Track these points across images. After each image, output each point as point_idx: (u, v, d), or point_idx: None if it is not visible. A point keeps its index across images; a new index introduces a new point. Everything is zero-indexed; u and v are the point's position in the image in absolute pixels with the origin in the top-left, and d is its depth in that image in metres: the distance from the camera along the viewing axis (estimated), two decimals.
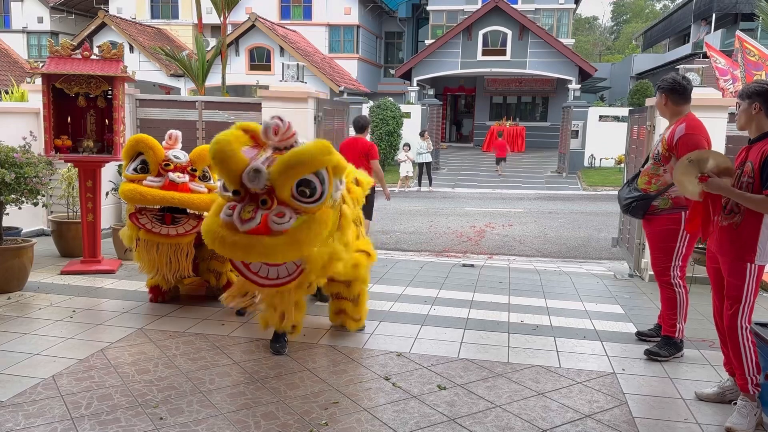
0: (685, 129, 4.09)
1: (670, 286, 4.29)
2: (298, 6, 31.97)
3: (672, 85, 4.25)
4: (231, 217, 3.72)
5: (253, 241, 3.66)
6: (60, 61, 5.93)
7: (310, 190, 3.76)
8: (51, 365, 3.85)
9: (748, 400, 3.32)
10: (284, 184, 3.71)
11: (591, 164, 21.87)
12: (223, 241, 3.72)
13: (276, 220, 3.67)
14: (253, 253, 3.71)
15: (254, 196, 3.73)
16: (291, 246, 3.73)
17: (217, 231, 3.75)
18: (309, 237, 3.78)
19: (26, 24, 33.25)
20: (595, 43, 58.85)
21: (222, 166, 3.77)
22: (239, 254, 3.77)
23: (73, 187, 6.87)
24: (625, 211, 4.44)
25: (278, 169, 3.70)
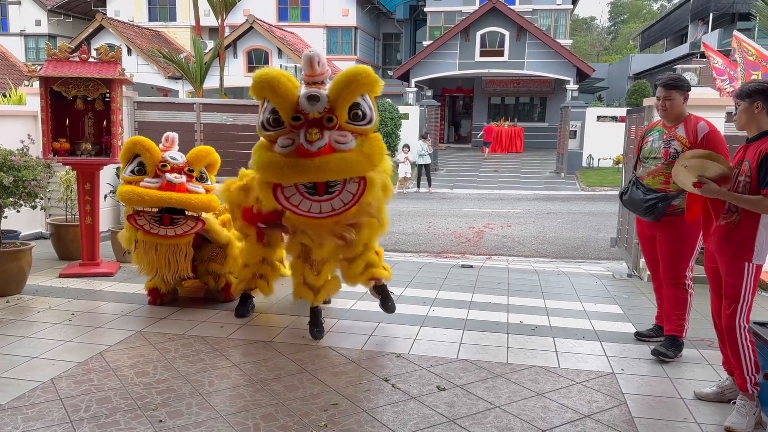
0: (708, 126, 4.05)
1: (683, 287, 4.26)
2: (295, 8, 32.01)
3: (689, 84, 4.23)
4: (290, 147, 3.82)
5: (327, 158, 3.80)
6: (58, 64, 5.93)
7: (362, 112, 3.97)
8: (50, 368, 3.85)
9: (747, 399, 3.32)
10: (344, 103, 3.90)
11: (589, 164, 21.89)
12: (294, 166, 3.79)
13: (340, 140, 3.86)
14: (329, 169, 3.82)
15: (315, 121, 3.86)
16: (362, 158, 3.94)
17: (282, 161, 3.84)
18: (374, 152, 4.01)
19: (24, 27, 33.24)
20: (593, 44, 58.96)
21: (278, 94, 3.86)
22: (312, 174, 3.84)
23: (72, 189, 6.86)
24: (648, 212, 4.25)
25: (338, 87, 3.88)
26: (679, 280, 4.27)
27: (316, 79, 4.02)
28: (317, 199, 3.98)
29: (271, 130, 3.99)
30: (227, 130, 8.05)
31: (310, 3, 31.72)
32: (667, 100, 4.19)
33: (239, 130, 8.03)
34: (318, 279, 4.41)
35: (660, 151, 4.23)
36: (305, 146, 3.77)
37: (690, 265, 4.24)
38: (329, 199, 3.97)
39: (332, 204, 3.99)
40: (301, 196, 3.99)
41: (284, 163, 3.84)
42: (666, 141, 4.22)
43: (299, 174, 3.86)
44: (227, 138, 7.98)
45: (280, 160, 3.85)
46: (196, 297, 5.51)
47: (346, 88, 3.89)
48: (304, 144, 3.77)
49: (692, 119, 4.15)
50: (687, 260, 4.23)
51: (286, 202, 4.04)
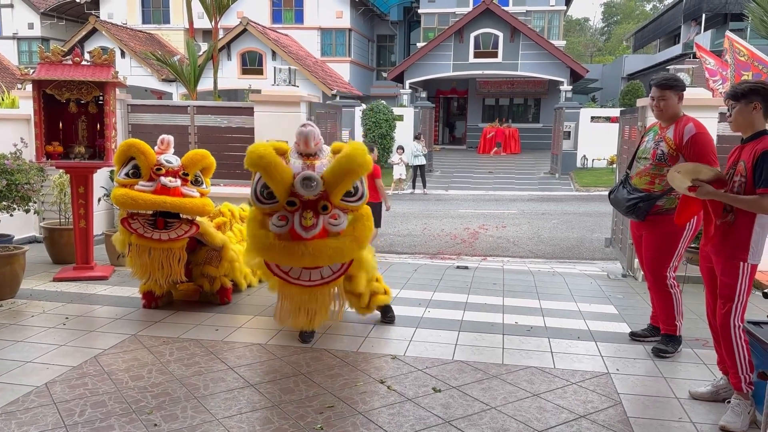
0: (695, 128, 4.02)
1: (666, 288, 4.28)
2: (289, 10, 31.99)
3: (684, 84, 4.21)
4: (284, 228, 3.88)
5: (321, 245, 3.87)
6: (51, 67, 5.91)
7: (354, 189, 4.05)
8: (44, 373, 3.83)
9: (742, 398, 3.33)
10: (341, 189, 3.97)
11: (583, 165, 21.93)
12: (289, 252, 3.86)
13: (332, 223, 3.94)
14: (323, 257, 3.90)
15: (309, 203, 3.90)
16: (354, 243, 4.03)
17: (276, 244, 3.89)
18: (365, 233, 4.10)
19: (17, 30, 33.12)
20: (587, 45, 59.11)
21: (272, 176, 3.88)
22: (308, 261, 3.91)
23: (65, 193, 6.84)
24: (629, 212, 4.29)
25: (335, 175, 3.92)
26: (661, 280, 4.28)
27: (309, 152, 4.12)
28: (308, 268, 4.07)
29: (266, 203, 4.03)
30: (221, 133, 8.03)
31: (304, 5, 31.70)
32: (662, 100, 4.17)
33: (233, 133, 8.01)
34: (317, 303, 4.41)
35: (650, 151, 4.25)
36: (299, 232, 3.85)
37: (672, 265, 4.25)
38: (318, 268, 4.06)
39: (321, 273, 4.09)
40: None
41: (279, 247, 3.92)
42: (656, 142, 4.23)
43: (294, 260, 3.94)
44: (221, 140, 7.97)
45: (275, 244, 3.93)
46: (191, 300, 5.49)
47: (346, 176, 3.95)
48: (298, 230, 3.85)
49: (683, 120, 4.13)
50: (668, 260, 4.24)
51: (278, 269, 4.11)
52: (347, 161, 3.92)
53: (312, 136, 4.08)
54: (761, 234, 3.33)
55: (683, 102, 4.26)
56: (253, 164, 3.94)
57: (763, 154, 3.21)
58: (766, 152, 3.21)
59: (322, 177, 3.93)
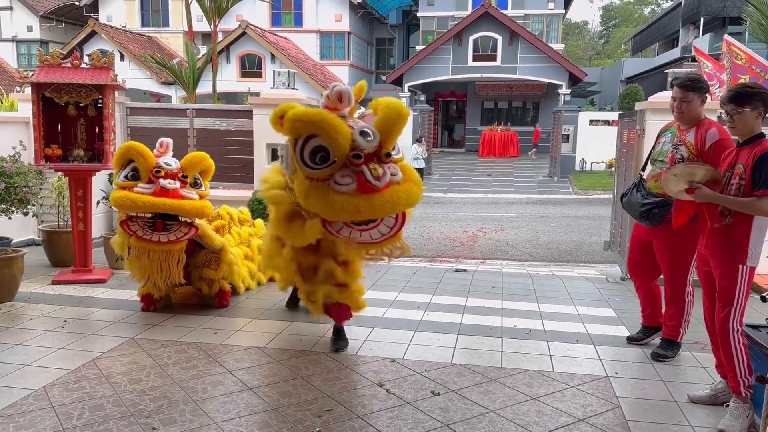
0: (718, 134, 3.79)
1: (682, 296, 4.20)
2: (288, 13, 32.05)
3: (708, 86, 4.01)
4: (351, 185, 3.76)
5: (396, 191, 3.83)
6: (50, 70, 5.91)
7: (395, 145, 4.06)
8: (42, 376, 3.82)
9: (741, 402, 3.33)
10: (393, 138, 3.97)
11: (582, 168, 21.97)
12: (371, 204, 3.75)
13: (394, 172, 3.91)
14: (400, 202, 3.85)
15: (371, 155, 3.84)
16: (417, 186, 4.00)
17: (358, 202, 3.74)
18: (418, 179, 4.08)
19: (16, 33, 33.15)
20: (585, 48, 59.22)
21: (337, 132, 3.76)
22: (389, 209, 3.83)
23: (64, 196, 6.84)
24: (643, 217, 4.15)
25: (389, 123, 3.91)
26: (679, 289, 4.18)
27: (342, 113, 4.02)
28: (363, 228, 3.99)
29: (318, 167, 3.85)
30: (220, 136, 8.04)
31: (303, 8, 31.77)
32: (684, 101, 3.94)
33: (232, 136, 8.03)
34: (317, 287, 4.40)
35: (667, 154, 4.05)
36: (373, 183, 3.75)
37: (690, 272, 4.14)
38: (375, 226, 3.99)
39: (380, 230, 4.02)
40: (349, 228, 3.99)
41: (361, 203, 3.76)
42: (675, 145, 4.02)
43: (377, 210, 3.82)
44: (220, 143, 7.97)
45: (355, 202, 3.76)
46: (190, 303, 5.49)
47: (396, 124, 3.93)
48: (372, 181, 3.75)
49: (705, 124, 3.91)
50: (687, 269, 4.12)
51: (337, 234, 4.03)
52: (396, 110, 3.92)
53: (346, 93, 4.01)
54: (759, 237, 3.34)
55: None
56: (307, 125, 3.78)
57: (762, 156, 3.22)
58: (765, 155, 3.22)
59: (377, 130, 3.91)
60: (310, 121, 3.77)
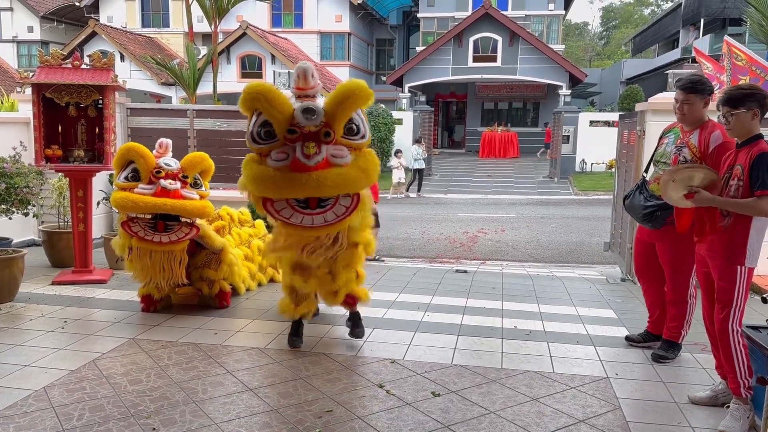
0: (722, 137, 3.74)
1: (685, 298, 4.19)
2: (289, 14, 32.05)
3: (713, 89, 3.97)
4: (285, 161, 3.72)
5: (326, 173, 3.70)
6: (50, 70, 5.91)
7: (356, 126, 3.92)
8: (42, 376, 3.82)
9: (741, 403, 3.33)
10: (342, 117, 3.84)
11: (582, 169, 21.97)
12: (292, 180, 3.69)
13: (337, 154, 3.78)
14: (327, 185, 3.73)
15: (310, 134, 3.75)
16: (360, 173, 3.87)
17: (277, 175, 3.72)
18: (371, 165, 3.95)
19: (16, 33, 33.16)
20: (585, 49, 59.25)
21: (274, 107, 3.74)
22: (311, 189, 3.73)
23: (64, 196, 6.84)
24: (645, 219, 4.13)
25: (336, 102, 3.80)
26: (682, 291, 4.17)
27: (308, 93, 3.93)
28: (309, 212, 3.88)
29: (262, 143, 3.87)
30: (221, 137, 8.04)
31: (304, 9, 31.77)
32: (686, 104, 3.91)
33: (233, 136, 8.03)
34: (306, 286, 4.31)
35: (670, 156, 4.04)
36: (302, 160, 3.67)
37: (693, 274, 4.12)
38: (322, 212, 3.89)
39: (325, 217, 3.91)
40: (291, 210, 3.88)
41: (280, 177, 3.72)
42: (678, 147, 4.00)
43: (297, 189, 3.74)
44: (221, 144, 7.98)
45: (276, 175, 3.73)
46: (190, 304, 5.49)
47: (345, 102, 3.81)
48: (301, 158, 3.67)
49: (709, 126, 3.88)
50: (689, 271, 4.10)
51: (277, 214, 3.94)
52: (347, 87, 3.83)
53: (309, 70, 3.93)
54: (757, 237, 3.34)
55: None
56: (250, 98, 3.78)
57: (759, 156, 3.22)
58: (762, 155, 3.22)
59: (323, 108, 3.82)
60: (250, 95, 3.76)
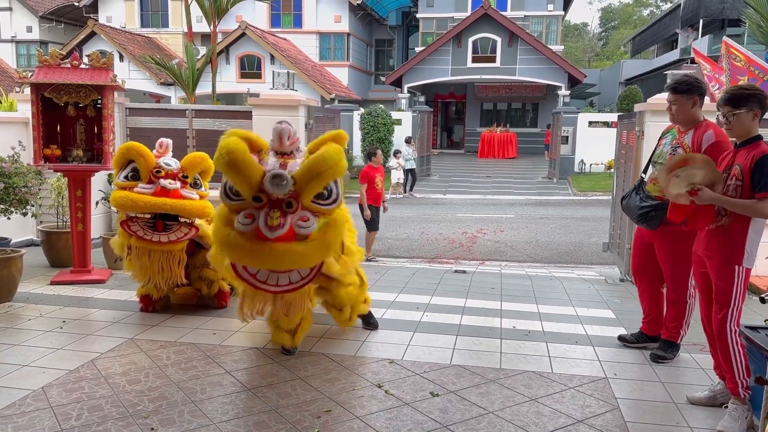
0: (715, 136, 3.81)
1: (684, 298, 4.20)
2: (288, 14, 32.02)
3: (703, 88, 4.02)
4: (249, 226, 3.66)
5: (286, 248, 3.65)
6: (49, 70, 5.91)
7: (327, 192, 3.84)
8: (41, 376, 3.82)
9: (739, 403, 3.34)
10: (312, 190, 3.76)
11: (581, 170, 21.97)
12: (252, 252, 3.65)
13: (301, 224, 3.71)
14: (287, 261, 3.69)
15: (277, 202, 3.70)
16: (321, 249, 3.80)
17: (239, 242, 3.67)
18: (335, 238, 3.89)
19: (15, 33, 33.10)
20: (584, 50, 59.25)
21: (239, 174, 3.69)
22: (271, 264, 3.71)
23: (63, 196, 6.84)
24: (641, 220, 4.16)
25: (307, 175, 3.73)
26: (681, 291, 4.19)
27: (284, 150, 3.96)
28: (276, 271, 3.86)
29: (234, 200, 3.82)
30: (220, 137, 8.01)
31: (303, 9, 31.75)
32: (674, 104, 4.00)
33: None
34: (289, 321, 4.25)
35: (666, 156, 4.08)
36: (264, 231, 3.60)
37: (691, 275, 4.12)
38: (288, 272, 3.85)
39: (290, 277, 3.89)
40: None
41: (242, 246, 3.67)
42: (673, 147, 4.05)
43: (256, 261, 3.72)
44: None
45: (238, 243, 3.68)
46: (189, 304, 5.49)
47: (315, 179, 3.73)
48: (263, 229, 3.61)
49: (703, 126, 3.93)
50: (688, 271, 4.10)
51: (244, 272, 3.88)
52: (320, 162, 3.74)
53: (285, 133, 3.92)
54: (755, 238, 3.35)
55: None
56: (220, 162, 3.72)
57: (762, 159, 3.22)
58: (765, 157, 3.22)
59: (292, 176, 3.74)
60: (220, 158, 3.71)
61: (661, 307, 4.48)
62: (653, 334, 4.53)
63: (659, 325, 4.48)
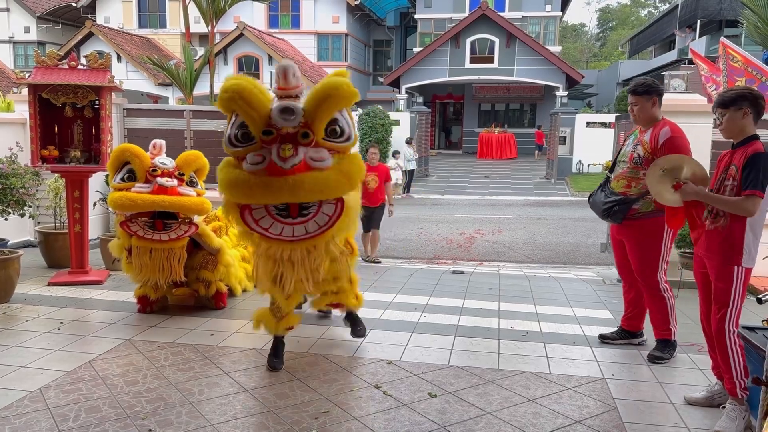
0: (670, 132, 4.10)
1: (660, 294, 4.29)
2: (286, 15, 32.02)
3: (661, 89, 4.29)
4: (261, 164, 3.46)
5: (302, 177, 3.43)
6: (47, 71, 5.90)
7: (339, 128, 3.66)
8: (38, 377, 3.81)
9: (737, 403, 3.34)
10: (322, 118, 3.56)
11: (579, 170, 22.00)
12: (265, 185, 3.43)
13: (316, 157, 3.52)
14: (304, 189, 3.45)
15: (288, 136, 3.50)
16: (341, 177, 3.58)
17: (251, 179, 3.46)
18: (354, 169, 3.68)
19: (12, 34, 33.04)
20: (582, 50, 59.32)
21: (250, 105, 3.49)
22: (286, 195, 3.46)
23: (60, 197, 6.83)
24: (606, 215, 4.37)
25: (315, 101, 3.53)
26: (653, 286, 4.29)
27: (290, 93, 3.68)
28: (290, 222, 3.62)
29: (239, 145, 3.61)
30: (217, 137, 8.03)
31: (301, 10, 31.75)
32: (634, 106, 4.26)
33: None
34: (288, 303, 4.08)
35: (627, 155, 4.32)
36: (278, 163, 3.41)
37: (660, 268, 4.27)
38: (303, 221, 3.63)
39: (306, 227, 3.65)
40: (271, 219, 3.61)
41: (254, 181, 3.47)
42: (634, 145, 4.31)
43: (271, 194, 3.49)
44: (217, 145, 7.95)
45: (250, 179, 3.48)
46: (186, 305, 5.48)
47: (325, 102, 3.54)
48: (276, 161, 3.41)
49: (660, 124, 4.21)
50: (655, 264, 4.25)
51: (255, 225, 3.66)
52: (328, 85, 3.54)
53: (291, 69, 3.67)
54: (754, 238, 3.36)
55: (677, 108, 4.28)
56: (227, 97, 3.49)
57: (752, 156, 3.25)
58: (755, 155, 3.25)
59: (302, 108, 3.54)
60: (226, 94, 3.50)
61: (642, 303, 4.55)
62: (634, 330, 4.67)
63: (640, 321, 4.63)
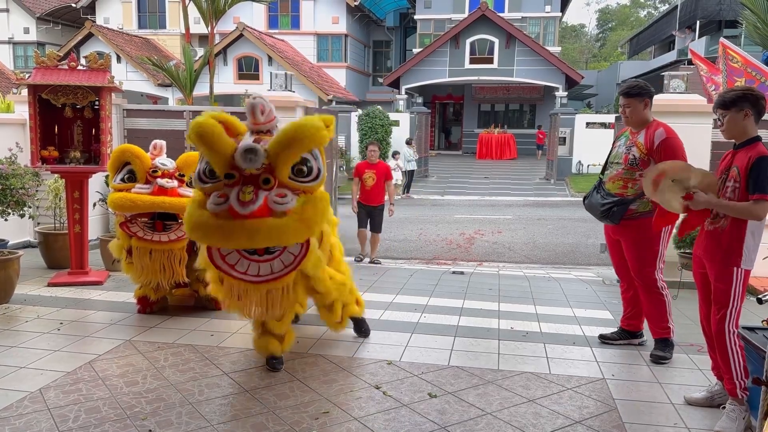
0: (665, 133, 4.14)
1: (657, 292, 4.31)
2: (286, 15, 32.01)
3: (652, 91, 4.33)
4: (222, 206, 3.44)
5: (259, 223, 3.39)
6: (46, 71, 5.90)
7: (307, 168, 3.61)
8: (38, 378, 3.81)
9: (737, 404, 3.34)
10: (286, 161, 3.53)
11: (579, 171, 21.99)
12: (222, 230, 3.41)
13: (278, 201, 3.46)
14: (260, 236, 3.42)
15: (251, 178, 3.49)
16: (301, 225, 3.53)
17: (210, 222, 3.44)
18: (316, 215, 3.62)
19: (12, 35, 33.03)
20: (582, 51, 59.32)
21: (210, 149, 3.50)
22: (243, 241, 3.45)
23: (60, 198, 6.83)
24: (604, 216, 4.37)
25: (279, 145, 3.50)
26: (650, 284, 4.32)
27: (261, 128, 3.71)
28: (256, 259, 3.63)
29: (208, 182, 3.59)
30: None
31: (301, 11, 31.74)
32: (627, 107, 4.29)
33: None
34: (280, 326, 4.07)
35: (621, 156, 4.34)
36: (236, 208, 3.38)
37: (657, 267, 4.29)
38: (269, 259, 3.64)
39: (272, 266, 3.66)
40: (238, 255, 3.63)
41: (212, 224, 3.44)
42: (627, 147, 4.32)
43: (227, 239, 3.46)
44: None
45: (208, 222, 3.45)
46: (186, 305, 5.48)
47: (288, 148, 3.51)
48: (235, 205, 3.38)
49: (653, 125, 4.23)
50: (652, 263, 4.28)
51: (222, 261, 3.65)
52: (293, 130, 3.51)
53: (257, 107, 3.69)
54: (753, 239, 3.36)
55: (678, 108, 4.30)
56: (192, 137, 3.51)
57: (758, 160, 3.24)
58: (761, 159, 3.23)
59: (265, 149, 3.50)
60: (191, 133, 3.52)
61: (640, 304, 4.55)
62: (634, 330, 4.68)
63: (639, 321, 4.63)
